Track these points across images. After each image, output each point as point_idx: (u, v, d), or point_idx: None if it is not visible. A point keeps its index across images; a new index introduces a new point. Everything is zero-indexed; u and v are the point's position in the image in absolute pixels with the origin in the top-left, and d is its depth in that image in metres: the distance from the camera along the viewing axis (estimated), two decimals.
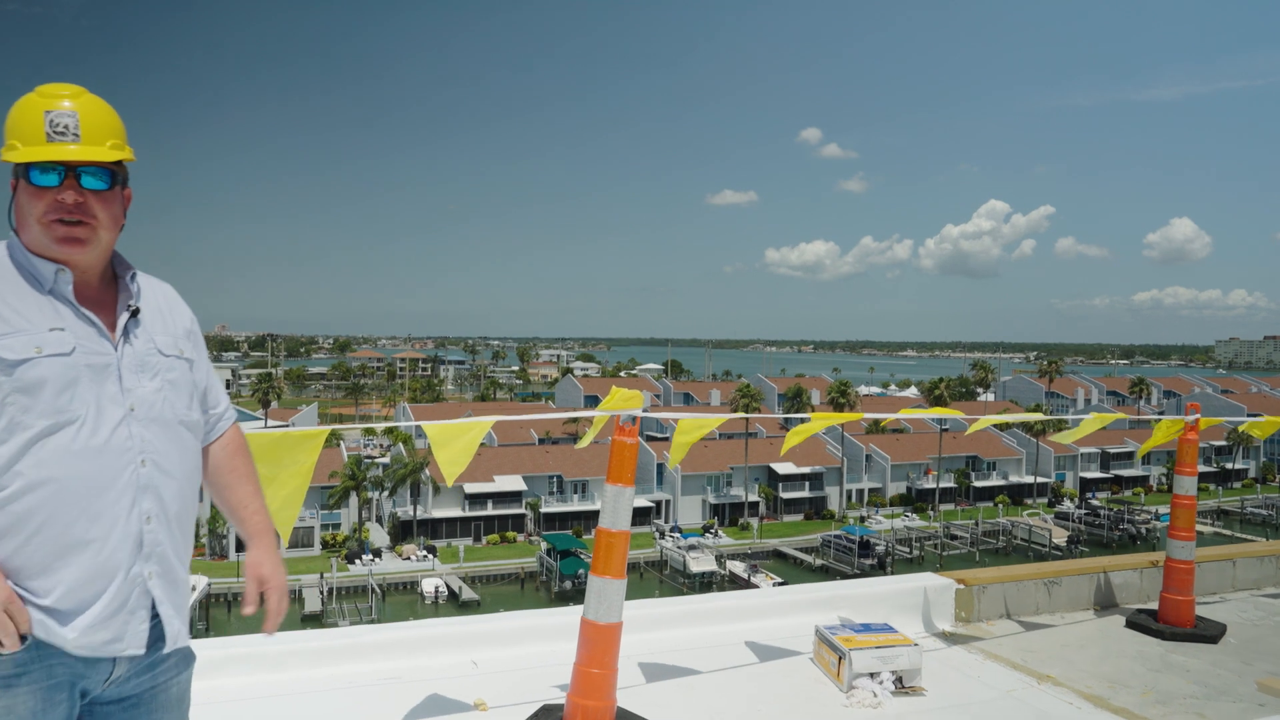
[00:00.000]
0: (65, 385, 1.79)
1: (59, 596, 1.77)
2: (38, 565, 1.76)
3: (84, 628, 1.79)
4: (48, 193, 1.83)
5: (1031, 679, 4.05)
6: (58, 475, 1.76)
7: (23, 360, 1.75)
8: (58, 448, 1.77)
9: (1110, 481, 76.59)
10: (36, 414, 1.75)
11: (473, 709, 3.48)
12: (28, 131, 1.84)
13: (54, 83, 1.91)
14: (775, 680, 3.87)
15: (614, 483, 3.23)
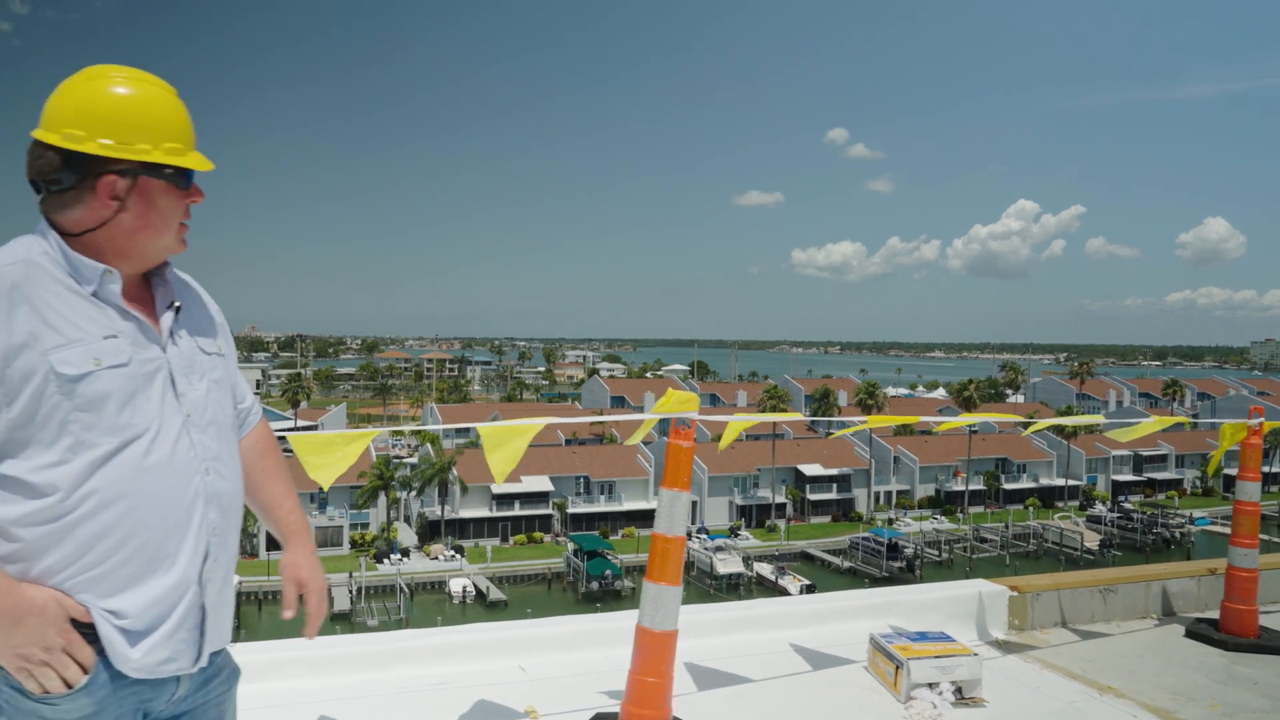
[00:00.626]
0: (127, 398, 1.67)
1: (132, 619, 1.68)
2: (110, 587, 1.66)
3: (149, 648, 1.70)
4: (187, 196, 1.79)
5: (1093, 690, 3.94)
6: (129, 493, 1.66)
7: (83, 375, 1.62)
8: (127, 464, 1.66)
9: (1143, 484, 75.48)
10: (101, 431, 1.63)
11: (524, 717, 3.42)
12: (178, 132, 1.76)
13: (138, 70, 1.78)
14: (829, 689, 3.79)
15: (669, 487, 3.15)
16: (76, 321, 1.65)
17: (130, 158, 1.70)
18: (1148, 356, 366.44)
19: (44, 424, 1.60)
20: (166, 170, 1.75)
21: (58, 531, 1.61)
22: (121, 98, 1.71)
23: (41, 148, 1.70)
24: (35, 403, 1.59)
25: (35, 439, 1.61)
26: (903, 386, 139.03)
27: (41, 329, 1.61)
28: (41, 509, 1.60)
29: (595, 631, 4.12)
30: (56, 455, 1.61)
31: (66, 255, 1.69)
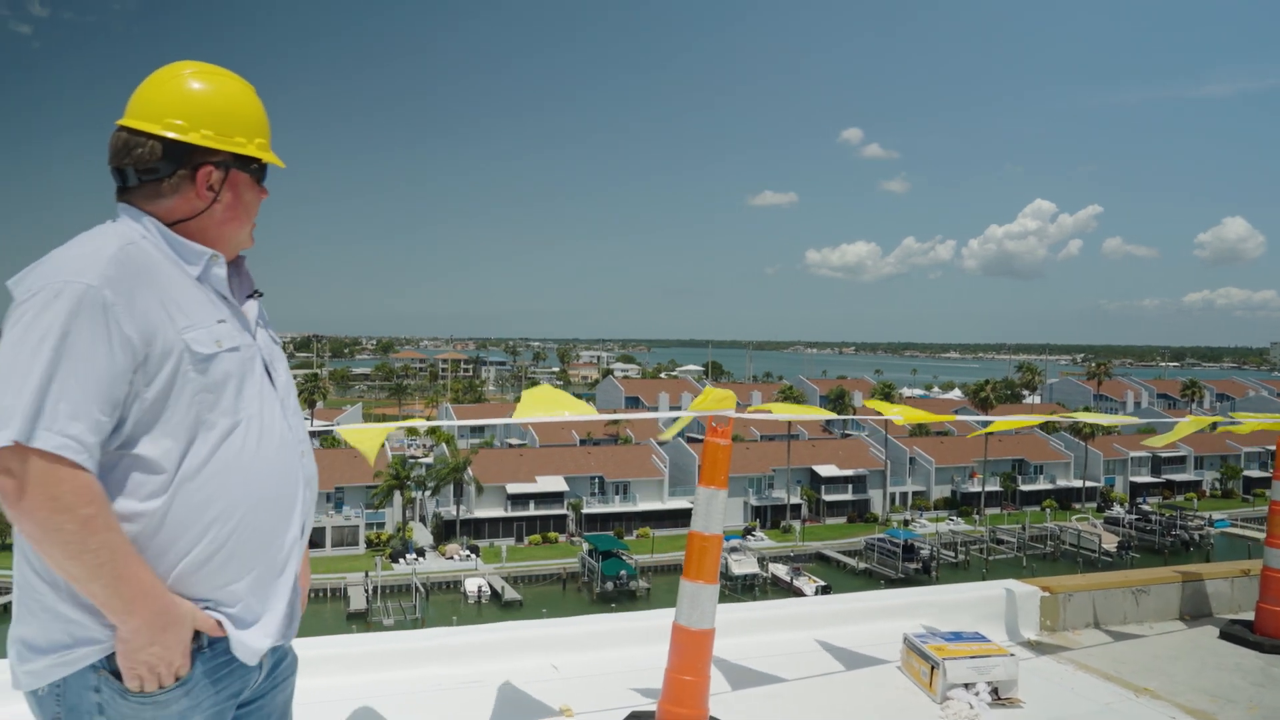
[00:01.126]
0: (240, 381, 1.71)
1: (248, 604, 1.72)
2: (230, 572, 1.69)
3: (262, 631, 1.74)
4: (261, 192, 1.88)
5: (1128, 691, 3.90)
6: (246, 474, 1.69)
7: (211, 355, 1.66)
8: (243, 446, 1.69)
9: (1162, 486, 74.93)
10: (220, 412, 1.67)
11: (558, 715, 3.41)
12: (265, 130, 1.85)
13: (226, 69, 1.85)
14: (863, 689, 3.76)
15: (707, 485, 3.14)
16: (193, 304, 1.69)
17: (228, 150, 1.77)
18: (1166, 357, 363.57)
19: (174, 405, 1.62)
20: (253, 165, 1.83)
21: (184, 513, 1.63)
22: (219, 93, 1.78)
23: (139, 137, 1.73)
24: (170, 383, 1.61)
25: (165, 420, 1.62)
26: (918, 387, 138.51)
27: (171, 310, 1.64)
28: (171, 489, 1.62)
29: (626, 630, 4.11)
30: (185, 436, 1.63)
31: (170, 239, 1.73)
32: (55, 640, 1.61)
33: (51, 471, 1.49)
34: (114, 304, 1.56)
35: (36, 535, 1.52)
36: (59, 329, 1.51)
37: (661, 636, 3.94)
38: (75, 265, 1.57)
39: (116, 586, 1.54)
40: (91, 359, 1.53)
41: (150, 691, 1.61)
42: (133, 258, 1.63)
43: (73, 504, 1.50)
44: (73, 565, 1.52)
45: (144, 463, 1.61)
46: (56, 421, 1.50)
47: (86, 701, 1.62)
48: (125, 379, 1.57)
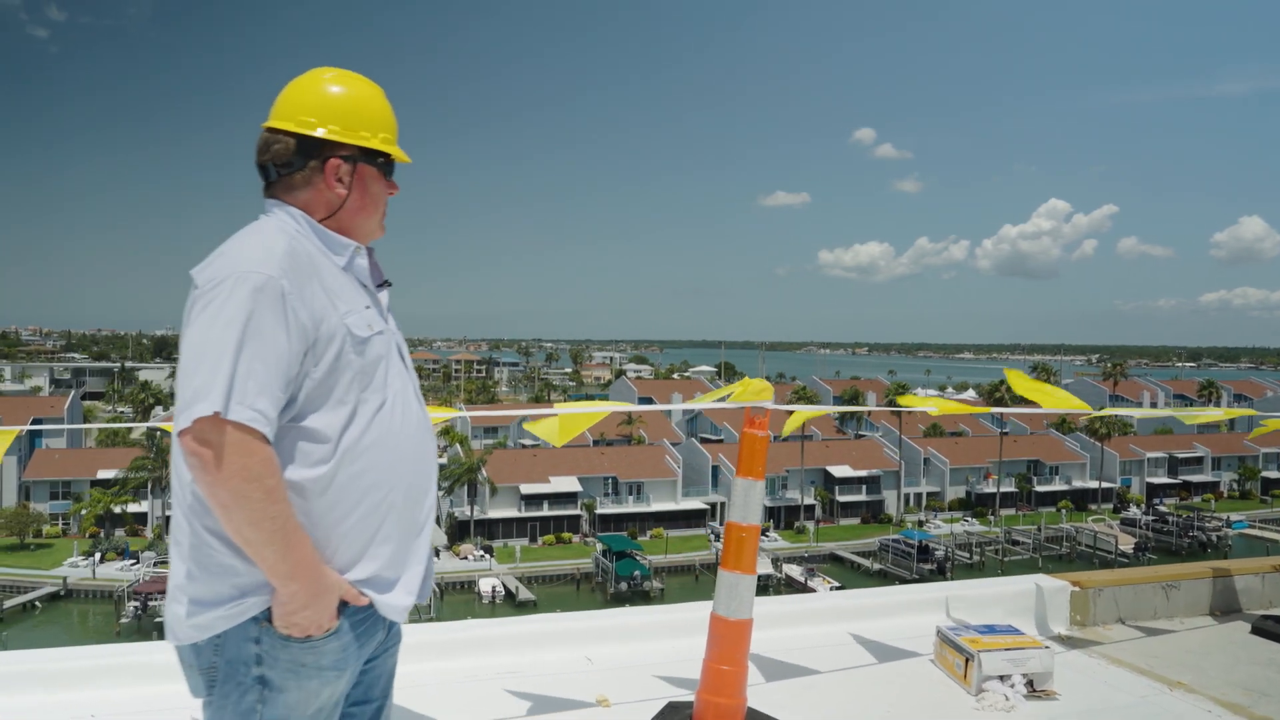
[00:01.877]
0: (386, 361, 1.88)
1: (394, 564, 1.87)
2: (382, 534, 1.84)
3: (405, 591, 1.90)
4: (390, 186, 2.00)
5: (1162, 685, 3.90)
6: (395, 447, 1.86)
7: (367, 337, 1.83)
8: (391, 421, 1.85)
9: (1179, 487, 74.42)
10: (373, 389, 1.83)
11: (595, 705, 3.44)
12: (391, 126, 1.98)
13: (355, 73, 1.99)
14: (897, 681, 3.78)
15: (744, 476, 3.16)
16: (347, 291, 1.86)
17: (353, 142, 1.91)
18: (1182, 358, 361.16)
19: (338, 383, 1.78)
20: (379, 158, 1.96)
21: (345, 480, 1.79)
22: (346, 92, 1.94)
23: (276, 134, 1.90)
24: (335, 362, 1.77)
25: (330, 396, 1.78)
26: (932, 388, 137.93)
27: (333, 297, 1.81)
28: (334, 459, 1.77)
29: (658, 623, 4.14)
30: (346, 411, 1.79)
31: (319, 232, 1.89)
32: (222, 594, 1.75)
33: (245, 443, 1.65)
34: (290, 292, 1.72)
35: (227, 502, 1.65)
36: (246, 314, 1.67)
37: (692, 629, 3.97)
38: (255, 257, 1.73)
39: (285, 553, 1.69)
40: (273, 341, 1.68)
41: (313, 639, 1.78)
42: (299, 251, 1.80)
43: (261, 474, 1.66)
44: (252, 531, 1.66)
45: (311, 434, 1.76)
46: (247, 397, 1.65)
47: (246, 651, 1.76)
48: (299, 359, 1.73)
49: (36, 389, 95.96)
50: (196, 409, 1.62)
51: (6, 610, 45.33)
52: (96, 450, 59.51)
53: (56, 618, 46.03)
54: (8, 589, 47.58)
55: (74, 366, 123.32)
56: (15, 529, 52.59)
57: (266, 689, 1.76)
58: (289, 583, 1.70)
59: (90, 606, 47.43)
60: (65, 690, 3.27)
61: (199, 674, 1.80)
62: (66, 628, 44.56)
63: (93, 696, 3.25)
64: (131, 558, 50.94)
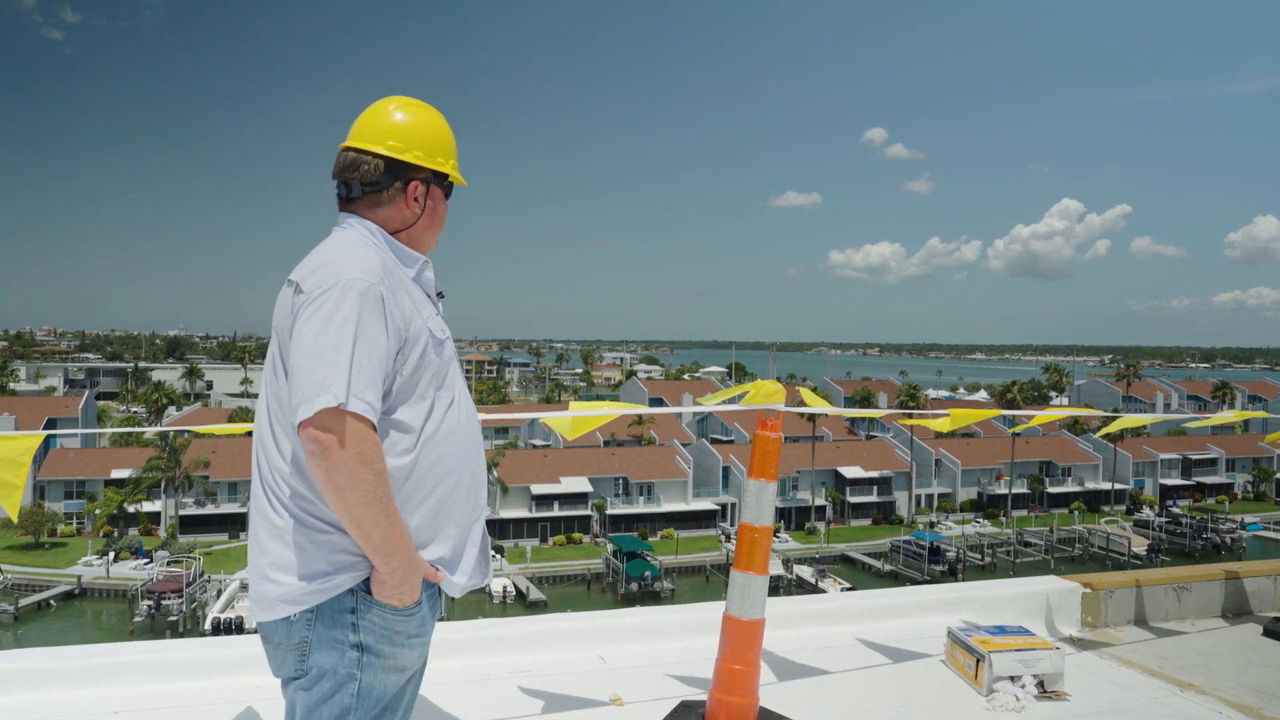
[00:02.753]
0: (454, 363, 2.10)
1: (457, 546, 2.08)
2: (449, 519, 2.04)
3: (469, 571, 2.11)
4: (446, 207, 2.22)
5: (1173, 687, 3.90)
6: (463, 438, 2.06)
7: (443, 340, 2.05)
8: (458, 415, 2.06)
9: (1192, 489, 73.95)
10: (447, 387, 2.05)
11: (608, 704, 3.47)
12: (455, 153, 2.21)
13: (424, 102, 2.19)
14: (908, 682, 3.80)
15: (756, 477, 3.19)
16: (422, 301, 2.07)
17: (432, 167, 2.14)
18: (1196, 358, 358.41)
19: (419, 378, 1.99)
20: (446, 181, 2.20)
21: (426, 466, 1.98)
22: (426, 121, 2.15)
23: (364, 155, 2.10)
24: (419, 361, 1.98)
25: (414, 391, 1.99)
26: (944, 389, 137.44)
27: (416, 304, 2.03)
28: (417, 448, 1.97)
29: (671, 623, 4.16)
30: (426, 405, 2.00)
31: (393, 245, 2.10)
32: (317, 570, 1.93)
33: (361, 431, 1.83)
34: (387, 298, 1.92)
35: (344, 484, 1.82)
36: (357, 316, 1.86)
37: (704, 629, 4.00)
38: (358, 267, 1.92)
39: (389, 532, 1.87)
40: (377, 341, 1.88)
41: (405, 609, 1.97)
42: (388, 262, 2.02)
43: (373, 459, 1.84)
44: (363, 511, 1.84)
45: (399, 425, 1.96)
46: (360, 390, 1.84)
47: (343, 621, 1.94)
48: (393, 358, 1.93)
49: (51, 389, 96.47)
50: (319, 401, 1.80)
51: (22, 608, 45.63)
52: (110, 450, 59.83)
53: (71, 616, 46.32)
54: (23, 588, 47.90)
55: (88, 367, 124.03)
56: (30, 528, 52.92)
57: (365, 654, 1.94)
58: (389, 559, 1.89)
59: (104, 605, 47.70)
60: (87, 687, 3.32)
61: (289, 650, 1.96)
62: (81, 626, 44.82)
63: (114, 693, 3.30)
64: (145, 557, 51.21)
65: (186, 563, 47.70)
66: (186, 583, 45.06)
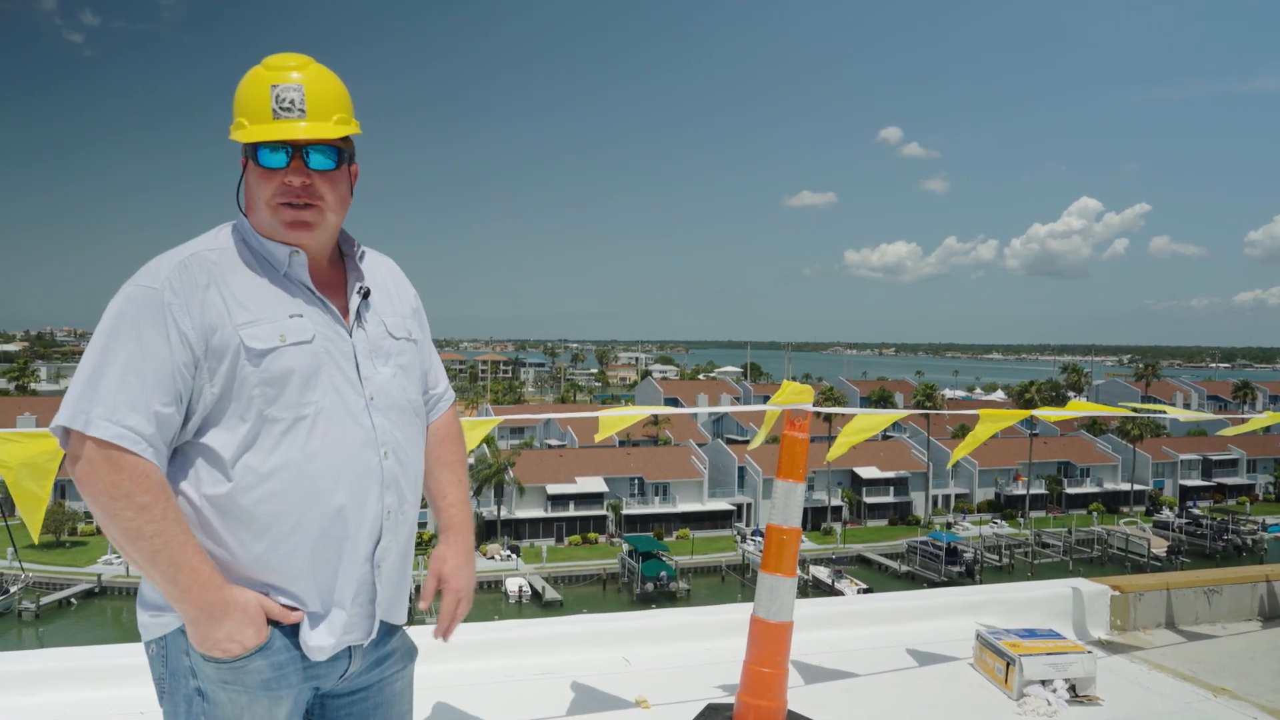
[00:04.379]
0: (309, 375, 1.70)
1: (311, 599, 1.72)
2: (292, 569, 1.70)
3: (326, 631, 1.73)
4: (276, 174, 1.72)
5: (1206, 691, 3.84)
6: (310, 472, 1.68)
7: (269, 350, 1.67)
8: (307, 442, 1.68)
9: (1213, 490, 73.29)
10: (283, 406, 1.67)
11: (634, 705, 3.45)
12: (255, 108, 1.72)
13: (282, 53, 1.77)
14: (936, 685, 3.75)
15: (785, 478, 3.16)
16: (263, 300, 1.71)
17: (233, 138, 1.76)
18: (1216, 358, 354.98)
19: (236, 398, 1.66)
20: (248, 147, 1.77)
21: (248, 503, 1.66)
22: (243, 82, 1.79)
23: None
24: (230, 377, 1.65)
25: (228, 413, 1.66)
26: (960, 389, 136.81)
27: (233, 307, 1.68)
28: (233, 480, 1.66)
29: (697, 624, 4.14)
30: (246, 430, 1.66)
31: (259, 239, 1.77)
32: (155, 600, 1.73)
33: (111, 459, 1.57)
34: (172, 303, 1.63)
35: (101, 517, 1.61)
36: (119, 327, 1.62)
37: (731, 631, 3.96)
38: (146, 272, 1.68)
39: (172, 574, 1.60)
40: (152, 355, 1.61)
41: (233, 659, 1.66)
42: (202, 260, 1.70)
43: (130, 491, 1.57)
44: (132, 549, 1.61)
45: (208, 453, 1.67)
46: (115, 412, 1.58)
47: (182, 664, 1.71)
48: (187, 373, 1.64)
49: None
50: (59, 422, 1.60)
51: (43, 606, 46.08)
52: None
53: (91, 614, 46.74)
54: (45, 586, 48.38)
55: None
56: (51, 527, 53.42)
57: (205, 702, 1.69)
58: (184, 606, 1.62)
59: (124, 604, 48.10)
60: (115, 687, 3.32)
61: (155, 685, 1.77)
62: (101, 624, 45.22)
63: (142, 693, 3.30)
64: None
65: None
66: None
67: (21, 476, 2.85)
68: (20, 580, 47.28)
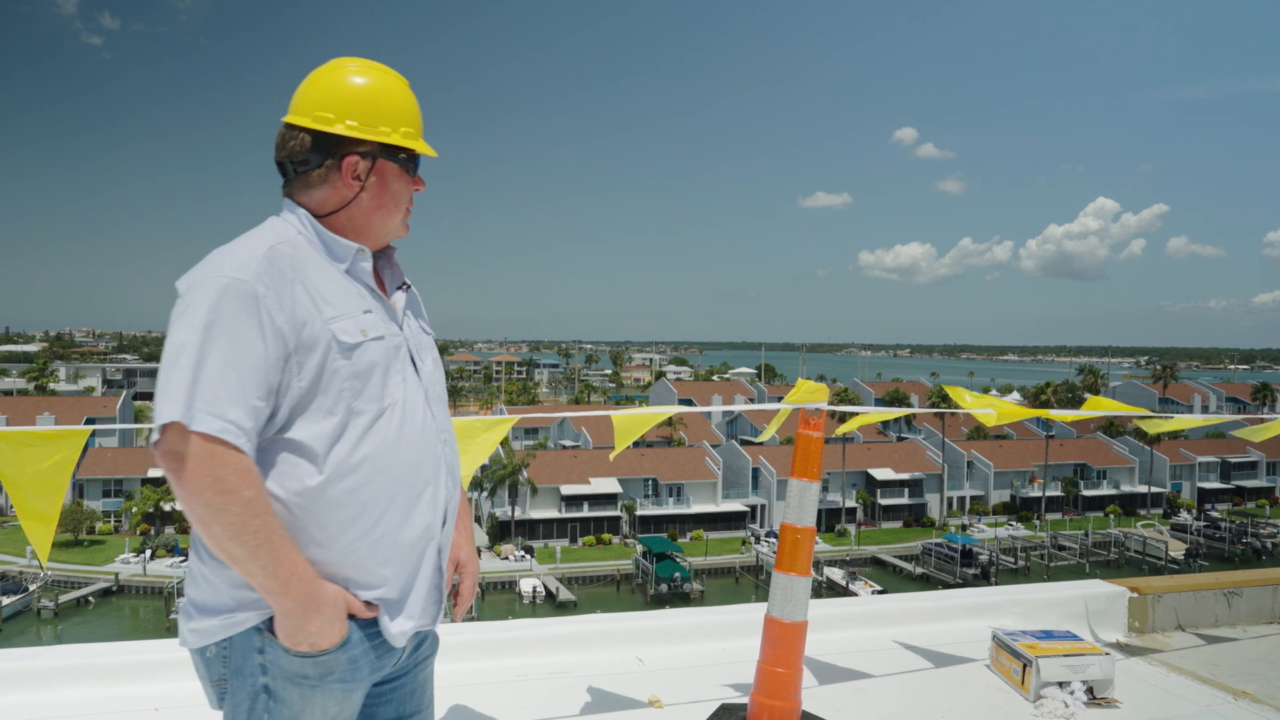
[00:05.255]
0: (385, 370, 1.76)
1: (393, 587, 1.77)
2: (379, 556, 1.74)
3: (407, 615, 1.80)
4: (414, 182, 1.88)
5: (1226, 695, 3.80)
6: (394, 461, 1.74)
7: (357, 344, 1.72)
8: (388, 433, 1.74)
9: (1231, 492, 72.61)
10: (367, 399, 1.72)
11: (647, 705, 3.43)
12: (413, 118, 1.86)
13: (375, 61, 1.87)
14: (951, 686, 3.72)
15: (799, 477, 3.14)
16: (342, 296, 1.75)
17: (372, 139, 1.80)
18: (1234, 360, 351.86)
19: (325, 392, 1.69)
20: (401, 154, 1.85)
21: (336, 495, 1.69)
22: (365, 85, 1.82)
23: (293, 130, 1.81)
24: (320, 370, 1.68)
25: (317, 406, 1.69)
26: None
27: (319, 302, 1.71)
28: (324, 473, 1.69)
29: (712, 624, 4.12)
30: (335, 423, 1.70)
31: (320, 234, 1.80)
32: (222, 603, 1.70)
33: (215, 454, 1.57)
34: (265, 296, 1.64)
35: (203, 515, 1.59)
36: (216, 320, 1.60)
37: (744, 631, 3.95)
38: (231, 262, 1.66)
39: (273, 568, 1.61)
40: (248, 348, 1.61)
41: (315, 653, 1.69)
42: (283, 254, 1.70)
43: (236, 486, 1.57)
44: (234, 545, 1.59)
45: (298, 447, 1.68)
46: (218, 406, 1.58)
47: (251, 662, 1.70)
48: (278, 367, 1.65)
49: (90, 389, 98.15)
50: (162, 418, 1.58)
51: (62, 605, 46.45)
52: (147, 449, 60.52)
53: (109, 613, 47.07)
54: (63, 584, 48.77)
55: (125, 367, 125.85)
56: (70, 526, 53.85)
57: (272, 700, 1.70)
58: (282, 599, 1.63)
59: (141, 602, 48.45)
60: (130, 683, 3.34)
61: (211, 686, 1.77)
62: (119, 622, 45.55)
63: (156, 690, 3.31)
64: (181, 555, 51.95)
65: None
66: None
67: (29, 495, 2.71)
68: (39, 579, 47.67)
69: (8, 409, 64.29)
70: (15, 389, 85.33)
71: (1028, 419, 12.40)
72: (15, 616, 44.79)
